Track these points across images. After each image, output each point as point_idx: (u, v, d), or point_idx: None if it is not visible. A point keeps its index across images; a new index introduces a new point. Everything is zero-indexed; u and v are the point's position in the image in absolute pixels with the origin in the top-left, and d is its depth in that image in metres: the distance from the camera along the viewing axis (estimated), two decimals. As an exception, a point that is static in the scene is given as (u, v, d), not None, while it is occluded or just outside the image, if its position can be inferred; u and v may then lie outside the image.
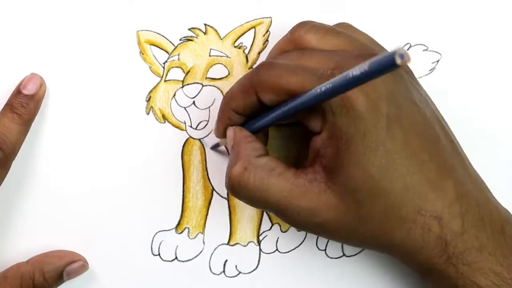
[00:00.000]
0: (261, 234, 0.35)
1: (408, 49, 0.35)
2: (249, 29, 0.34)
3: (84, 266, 0.33)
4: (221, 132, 0.31)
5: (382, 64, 0.20)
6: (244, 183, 0.28)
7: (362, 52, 0.28)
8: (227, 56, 0.34)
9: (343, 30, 0.30)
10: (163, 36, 0.34)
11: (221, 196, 0.35)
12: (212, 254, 0.34)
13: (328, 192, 0.27)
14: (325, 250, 0.35)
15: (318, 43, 0.29)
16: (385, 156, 0.26)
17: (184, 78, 0.34)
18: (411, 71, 0.30)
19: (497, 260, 0.26)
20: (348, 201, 0.26)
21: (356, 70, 0.21)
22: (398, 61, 0.18)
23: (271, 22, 0.35)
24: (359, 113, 0.25)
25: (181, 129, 0.34)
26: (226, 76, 0.34)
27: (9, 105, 0.32)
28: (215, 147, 0.34)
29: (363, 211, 0.27)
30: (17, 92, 0.32)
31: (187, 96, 0.34)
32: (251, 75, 0.29)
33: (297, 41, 0.30)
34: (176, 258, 0.34)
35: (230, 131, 0.30)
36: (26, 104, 0.32)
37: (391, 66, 0.19)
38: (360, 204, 0.26)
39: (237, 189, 0.28)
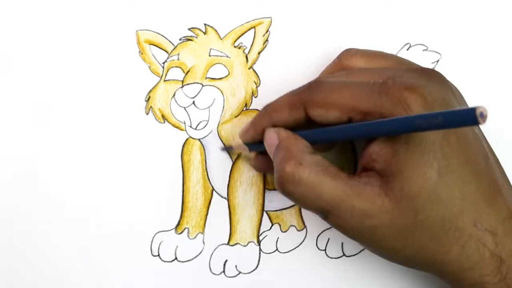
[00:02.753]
0: (261, 234, 0.35)
1: (408, 49, 0.35)
2: (249, 29, 0.34)
3: None
4: (248, 139, 0.31)
5: (461, 117, 0.19)
6: (299, 177, 0.26)
7: (413, 67, 0.28)
8: (227, 56, 0.34)
9: (387, 53, 0.31)
10: (162, 35, 0.34)
11: (221, 196, 0.34)
12: (212, 254, 0.34)
13: (383, 196, 0.25)
14: (325, 250, 0.35)
15: (366, 65, 0.29)
16: (443, 160, 0.25)
17: (183, 78, 0.34)
18: (460, 92, 0.30)
19: None
20: (404, 207, 0.25)
21: (432, 117, 0.21)
22: (480, 120, 0.18)
23: (271, 22, 0.35)
24: (416, 113, 0.25)
25: (181, 129, 0.34)
26: (226, 76, 0.34)
27: None
28: (227, 149, 0.34)
29: (419, 218, 0.25)
30: None
31: (187, 96, 0.34)
32: (300, 92, 0.28)
33: (344, 64, 0.30)
34: (176, 258, 0.34)
35: (272, 132, 0.29)
36: None
37: (470, 122, 0.18)
38: (418, 210, 0.25)
39: (290, 185, 0.27)
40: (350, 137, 0.27)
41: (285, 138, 0.28)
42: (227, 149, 0.34)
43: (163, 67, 0.34)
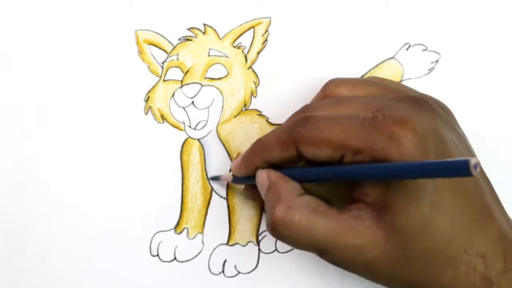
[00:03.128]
0: (260, 234, 0.35)
1: (407, 49, 0.35)
2: (248, 29, 0.34)
3: None
4: (243, 174, 0.31)
5: (454, 168, 0.20)
6: (290, 222, 0.27)
7: (400, 94, 0.28)
8: (226, 56, 0.34)
9: (372, 79, 0.31)
10: (162, 35, 0.34)
11: (220, 196, 0.34)
12: (211, 254, 0.34)
13: (375, 229, 0.26)
14: (324, 250, 0.35)
15: (350, 93, 0.29)
16: (435, 193, 0.25)
17: (183, 78, 0.34)
18: (449, 109, 0.30)
19: None
20: (396, 239, 0.26)
21: (425, 166, 0.21)
22: (474, 172, 0.19)
23: (270, 22, 0.35)
24: (410, 153, 0.25)
25: (180, 129, 0.34)
26: (225, 76, 0.34)
27: None
28: (214, 179, 0.34)
29: (411, 249, 0.26)
30: None
31: (186, 96, 0.34)
32: (289, 130, 0.28)
33: (329, 95, 0.30)
34: (175, 258, 0.34)
35: (263, 174, 0.29)
36: None
37: (463, 173, 0.19)
38: (409, 241, 0.26)
39: (282, 230, 0.27)
40: (343, 179, 0.27)
41: (275, 181, 0.28)
42: (214, 179, 0.34)
43: (162, 67, 0.34)
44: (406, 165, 0.23)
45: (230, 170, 0.34)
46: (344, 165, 0.26)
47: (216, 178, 0.34)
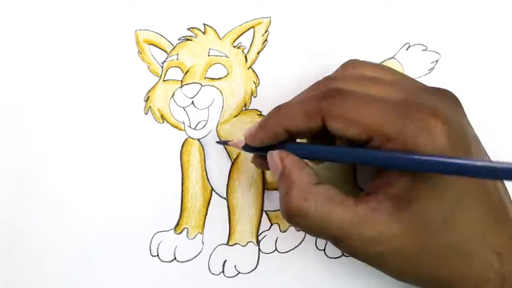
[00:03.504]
0: (260, 234, 0.35)
1: (407, 49, 0.35)
2: (248, 29, 0.34)
3: None
4: (257, 143, 0.29)
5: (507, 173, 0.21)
6: (305, 212, 0.26)
7: (423, 86, 0.28)
8: (226, 56, 0.34)
9: (392, 68, 0.30)
10: (161, 35, 0.34)
11: (220, 196, 0.34)
12: (211, 254, 0.34)
13: (393, 222, 0.25)
14: (324, 250, 0.35)
15: (374, 75, 0.29)
16: (459, 188, 0.25)
17: (183, 78, 0.34)
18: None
19: None
20: (416, 232, 0.25)
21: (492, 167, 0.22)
22: None
23: (270, 22, 0.35)
24: (443, 147, 0.25)
25: (180, 129, 0.34)
26: (225, 76, 0.34)
27: None
28: (222, 143, 0.33)
29: (430, 243, 0.26)
30: None
31: (186, 96, 0.34)
32: (317, 100, 0.27)
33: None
34: (175, 258, 0.34)
35: (276, 157, 0.28)
36: None
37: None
38: (429, 235, 0.26)
39: (297, 219, 0.27)
40: (371, 164, 0.26)
41: (290, 167, 0.28)
42: (223, 143, 0.34)
43: (162, 67, 0.34)
44: (456, 161, 0.23)
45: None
46: (374, 150, 0.26)
47: (224, 143, 0.33)
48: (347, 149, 0.27)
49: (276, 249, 0.35)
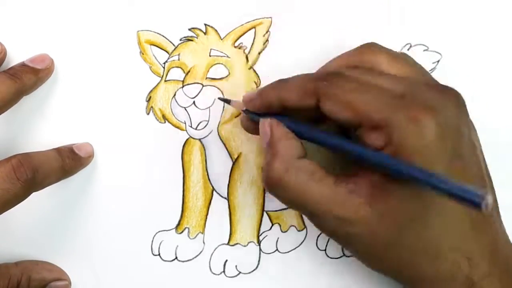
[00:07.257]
0: (261, 234, 0.35)
1: (408, 49, 0.35)
2: (249, 29, 0.34)
3: (67, 286, 0.33)
4: (251, 107, 0.30)
5: (466, 196, 0.21)
6: (285, 183, 0.27)
7: (430, 82, 0.28)
8: (227, 56, 0.34)
9: (408, 57, 0.30)
10: (163, 36, 0.34)
11: (221, 196, 0.35)
12: (212, 254, 0.34)
13: (367, 206, 0.26)
14: (325, 250, 0.35)
15: (388, 66, 0.29)
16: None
17: (184, 78, 0.34)
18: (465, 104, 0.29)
19: None
20: (385, 224, 0.26)
21: (440, 182, 0.22)
22: (484, 208, 0.20)
23: (271, 22, 0.35)
24: (428, 142, 0.25)
25: (181, 129, 0.34)
26: (226, 76, 0.34)
27: (8, 70, 0.31)
28: (224, 101, 0.33)
29: (401, 236, 0.26)
30: (22, 63, 0.32)
31: (187, 96, 0.34)
32: (315, 80, 0.27)
33: (366, 59, 0.29)
34: (176, 258, 0.34)
35: (266, 126, 0.29)
36: (26, 71, 0.31)
37: (474, 204, 0.21)
38: (398, 230, 0.26)
39: (275, 189, 0.28)
40: (350, 156, 0.27)
41: (277, 136, 0.28)
42: (225, 101, 0.33)
43: (163, 67, 0.34)
44: (420, 171, 0.23)
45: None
46: (356, 144, 0.26)
47: (227, 101, 0.33)
48: (331, 137, 0.27)
49: (277, 249, 0.35)
